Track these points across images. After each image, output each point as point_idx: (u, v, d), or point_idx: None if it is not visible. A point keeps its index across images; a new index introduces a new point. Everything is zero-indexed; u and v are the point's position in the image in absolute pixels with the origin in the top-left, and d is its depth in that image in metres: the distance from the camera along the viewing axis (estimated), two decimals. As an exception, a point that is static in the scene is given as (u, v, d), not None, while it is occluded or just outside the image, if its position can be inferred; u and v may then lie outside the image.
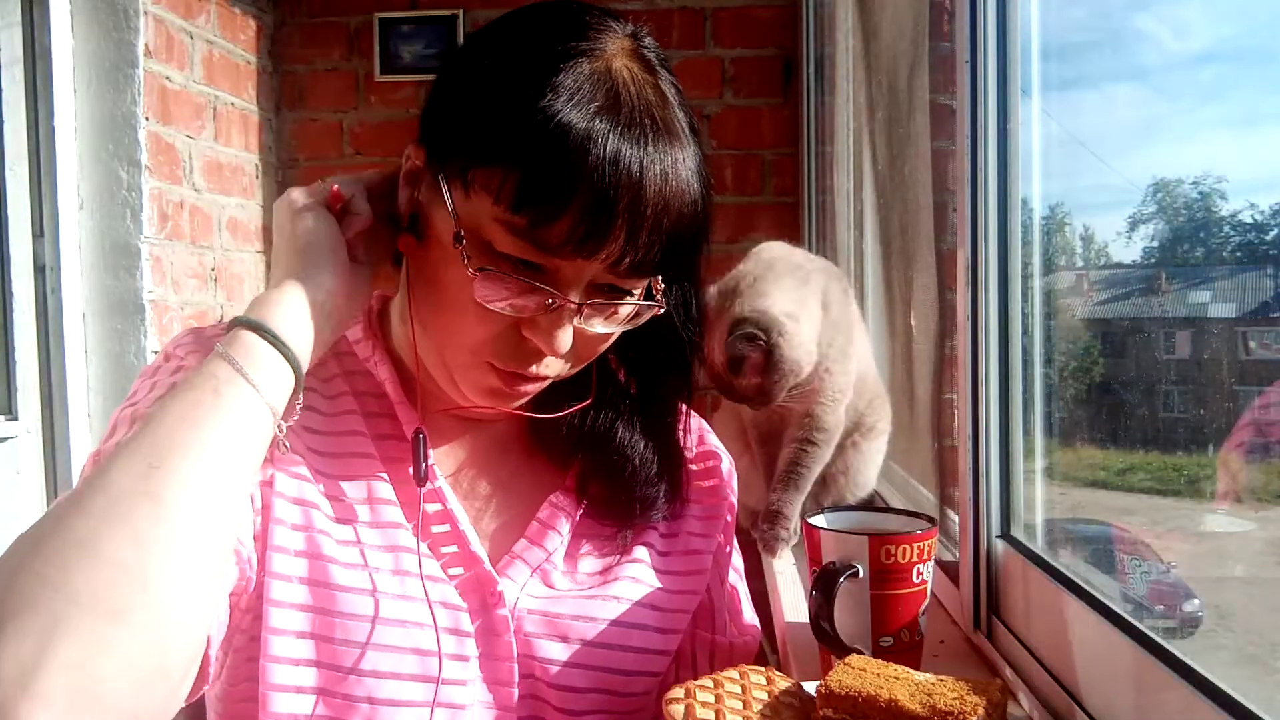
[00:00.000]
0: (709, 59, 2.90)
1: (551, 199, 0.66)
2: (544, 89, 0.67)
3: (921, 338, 1.53)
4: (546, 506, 0.84)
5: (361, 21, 3.00)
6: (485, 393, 0.77)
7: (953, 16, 1.03)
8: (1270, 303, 0.88)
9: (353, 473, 0.79)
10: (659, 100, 0.71)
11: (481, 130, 0.69)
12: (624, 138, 0.67)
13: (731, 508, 0.94)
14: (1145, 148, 0.98)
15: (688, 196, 0.71)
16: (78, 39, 2.37)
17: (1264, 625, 0.85)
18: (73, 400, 2.34)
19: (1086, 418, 1.12)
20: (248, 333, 0.67)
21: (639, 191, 0.68)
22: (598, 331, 0.75)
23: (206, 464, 0.61)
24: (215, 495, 0.61)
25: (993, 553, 0.94)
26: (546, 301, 0.71)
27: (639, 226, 0.68)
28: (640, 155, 0.68)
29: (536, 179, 0.66)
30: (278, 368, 0.67)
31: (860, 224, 2.09)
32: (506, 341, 0.73)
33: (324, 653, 0.73)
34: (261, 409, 0.65)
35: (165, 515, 0.58)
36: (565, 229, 0.67)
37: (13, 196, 2.27)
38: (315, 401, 0.81)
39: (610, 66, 0.70)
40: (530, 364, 0.74)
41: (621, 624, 0.82)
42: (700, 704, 0.66)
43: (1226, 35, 0.87)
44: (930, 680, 0.66)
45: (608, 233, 0.67)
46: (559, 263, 0.70)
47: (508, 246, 0.69)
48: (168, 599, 0.56)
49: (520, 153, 0.67)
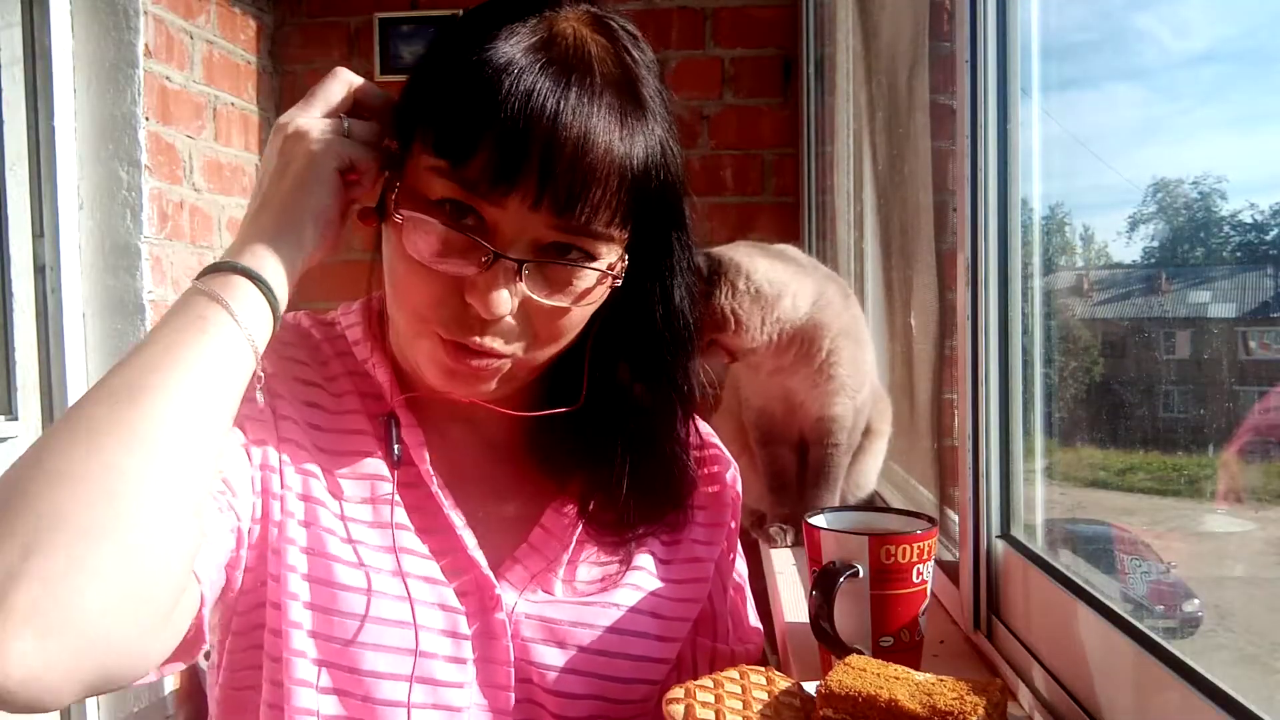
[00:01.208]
0: (709, 59, 2.90)
1: (466, 132, 0.67)
2: (480, 41, 0.68)
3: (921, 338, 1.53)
4: (551, 513, 0.84)
5: (361, 21, 3.00)
6: (440, 373, 0.75)
7: (953, 16, 1.03)
8: (1270, 303, 0.88)
9: (357, 471, 0.79)
10: (606, 57, 0.71)
11: (420, 89, 0.72)
12: (544, 74, 0.67)
13: (736, 514, 0.93)
14: (1145, 148, 0.98)
15: (630, 156, 0.70)
16: (78, 39, 2.37)
17: (1264, 625, 0.85)
18: (72, 401, 2.34)
19: (1086, 418, 1.12)
20: (236, 275, 0.66)
21: (554, 129, 0.67)
22: (549, 304, 0.72)
23: (184, 393, 0.61)
24: (192, 425, 0.61)
25: (993, 553, 0.94)
26: (481, 257, 0.69)
27: (553, 167, 0.67)
28: (560, 94, 0.67)
29: (454, 115, 0.68)
30: (263, 313, 0.67)
31: (860, 224, 2.09)
32: (448, 306, 0.71)
33: (323, 650, 0.73)
34: (243, 344, 0.65)
35: (139, 443, 0.58)
36: (481, 163, 0.67)
37: (13, 196, 2.27)
38: (321, 399, 0.81)
39: (555, 25, 0.71)
40: (473, 333, 0.72)
41: (621, 631, 0.81)
42: (700, 704, 0.66)
43: (1226, 35, 0.87)
44: (930, 680, 0.66)
45: (520, 168, 0.67)
46: (490, 209, 0.69)
47: (439, 191, 0.70)
48: (141, 521, 0.56)
49: (444, 94, 0.69)
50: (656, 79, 0.75)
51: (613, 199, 0.70)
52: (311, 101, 0.73)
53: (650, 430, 0.84)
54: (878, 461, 1.44)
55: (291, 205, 0.70)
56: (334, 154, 0.71)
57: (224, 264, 0.67)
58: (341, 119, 0.73)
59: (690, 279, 0.82)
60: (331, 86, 0.74)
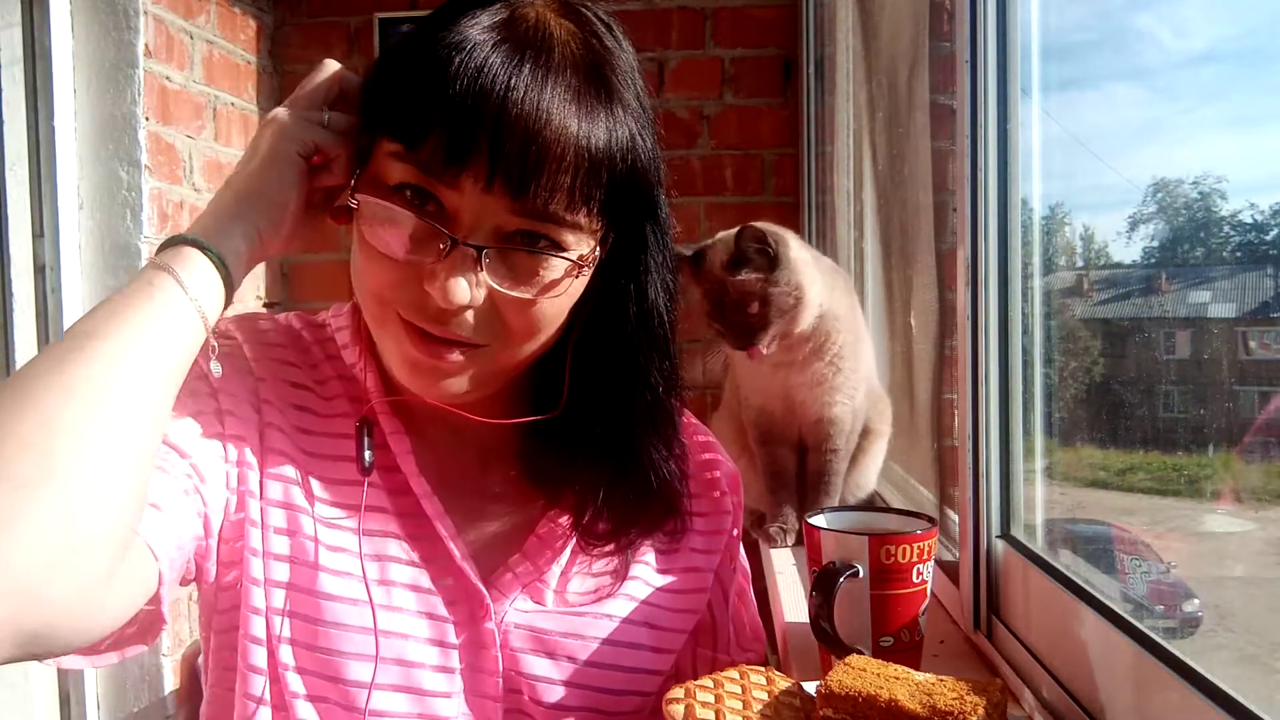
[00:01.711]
0: (709, 59, 2.90)
1: (419, 112, 0.67)
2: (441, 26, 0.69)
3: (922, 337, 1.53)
4: (545, 522, 0.82)
5: (361, 21, 3.00)
6: (404, 365, 0.73)
7: (953, 16, 1.03)
8: (1270, 303, 0.88)
9: (344, 477, 0.78)
10: (570, 40, 0.70)
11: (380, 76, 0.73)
12: (497, 51, 0.67)
13: (736, 520, 0.91)
14: (1145, 148, 0.98)
15: (590, 136, 0.68)
16: (78, 39, 2.37)
17: (1264, 625, 0.85)
18: (73, 400, 2.34)
19: (1086, 418, 1.12)
20: (187, 247, 0.67)
21: (504, 106, 0.65)
22: (514, 295, 0.70)
23: (125, 352, 0.61)
24: (131, 383, 0.60)
25: (993, 553, 0.94)
26: (439, 245, 0.68)
27: (502, 145, 0.65)
28: (512, 70, 0.66)
29: (407, 95, 0.68)
30: (213, 283, 0.67)
31: (860, 224, 2.09)
32: (409, 291, 0.70)
33: (306, 660, 0.72)
34: (191, 312, 0.65)
35: (75, 397, 0.58)
36: (433, 144, 0.66)
37: (13, 196, 2.27)
38: (311, 402, 0.80)
39: (517, 10, 0.70)
40: (437, 320, 0.70)
41: (614, 643, 0.80)
42: (700, 704, 0.66)
43: (1227, 35, 0.87)
44: (930, 680, 0.66)
45: (470, 147, 0.65)
46: (448, 194, 0.68)
47: (397, 176, 0.69)
48: (76, 476, 0.56)
49: (400, 76, 0.69)
50: (633, 72, 0.73)
51: (571, 181, 0.68)
52: (296, 93, 0.74)
53: (631, 436, 0.80)
54: (878, 462, 1.44)
55: (250, 185, 0.71)
56: (296, 138, 0.71)
57: (177, 237, 0.67)
58: (322, 110, 0.73)
59: (669, 277, 0.79)
60: (315, 77, 0.75)
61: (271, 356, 0.80)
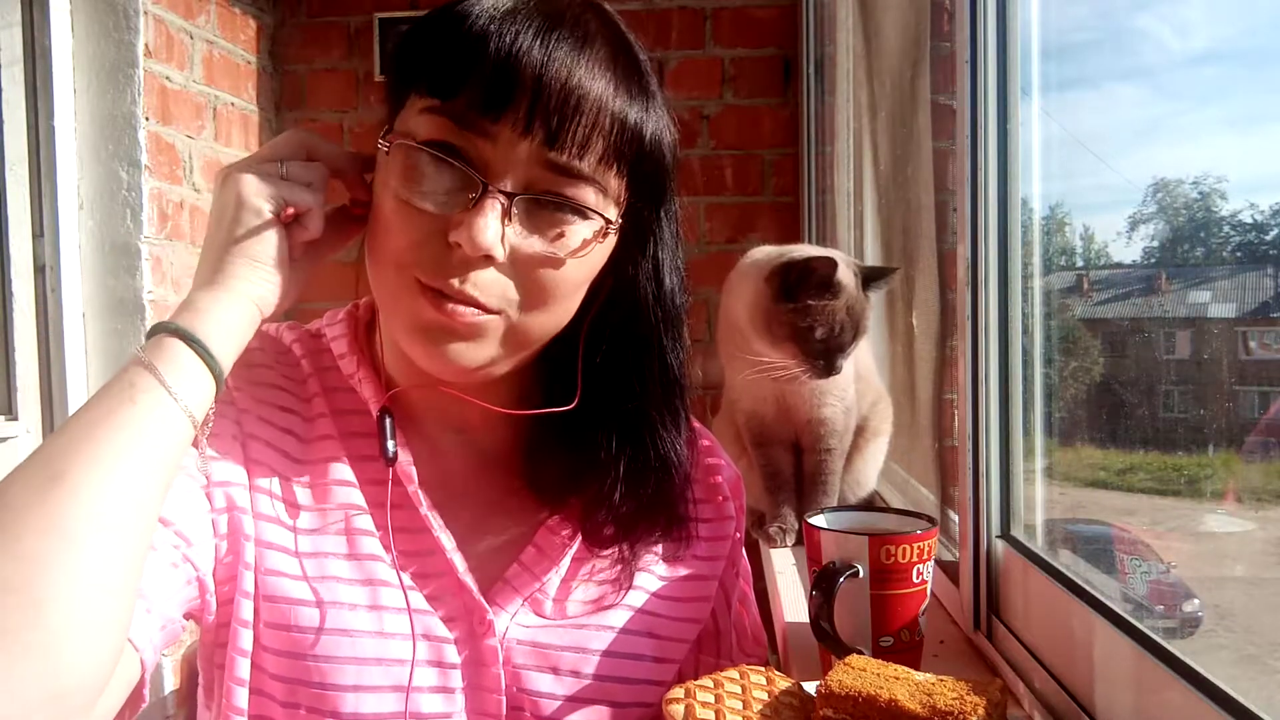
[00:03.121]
0: (709, 59, 2.90)
1: (457, 64, 0.67)
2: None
3: (923, 338, 1.53)
4: (544, 532, 0.80)
5: (361, 21, 3.00)
6: (417, 329, 0.71)
7: (953, 16, 1.03)
8: (1270, 303, 0.88)
9: (330, 502, 0.76)
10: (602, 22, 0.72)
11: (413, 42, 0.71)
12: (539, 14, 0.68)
13: (739, 525, 0.90)
14: (1145, 148, 0.98)
15: (624, 99, 0.70)
16: (78, 39, 2.37)
17: (1264, 625, 0.85)
18: (73, 400, 2.34)
19: (1086, 418, 1.12)
20: (170, 338, 0.64)
21: (547, 60, 0.67)
22: (540, 252, 0.70)
23: (113, 476, 0.58)
24: (122, 510, 0.58)
25: (993, 553, 0.94)
26: (470, 194, 0.68)
27: (543, 93, 0.66)
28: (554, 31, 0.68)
29: (445, 51, 0.68)
30: (200, 377, 0.64)
31: (860, 224, 2.09)
32: (430, 249, 0.69)
33: (304, 696, 0.70)
34: (179, 418, 0.63)
35: (62, 531, 0.55)
36: (471, 94, 0.67)
37: (13, 196, 2.27)
38: (293, 425, 0.78)
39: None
40: (454, 274, 0.69)
41: (616, 655, 0.78)
42: (700, 704, 0.66)
43: (1227, 35, 0.87)
44: (930, 680, 0.66)
45: (510, 95, 0.66)
46: (480, 144, 0.68)
47: (428, 131, 0.69)
48: (62, 621, 0.54)
49: (431, 36, 0.69)
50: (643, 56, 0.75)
51: (604, 143, 0.69)
52: (256, 151, 0.73)
53: (643, 429, 0.80)
54: (878, 462, 1.44)
55: (228, 254, 0.68)
56: (266, 196, 0.69)
57: (163, 325, 0.65)
58: (279, 163, 0.71)
59: (681, 268, 0.80)
60: (281, 139, 0.73)
61: (255, 381, 0.78)
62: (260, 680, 0.72)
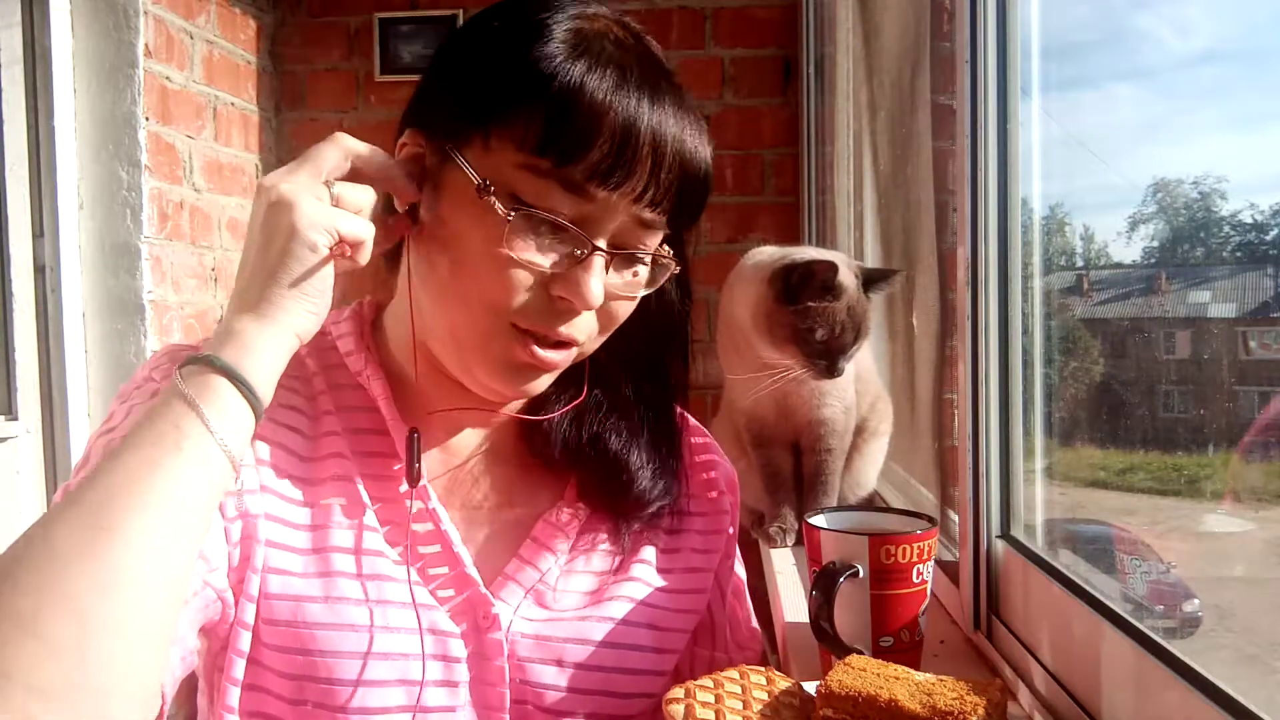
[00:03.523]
0: (709, 59, 2.90)
1: (580, 131, 0.68)
2: (549, 37, 0.69)
3: (923, 338, 1.53)
4: (541, 524, 0.81)
5: (361, 21, 3.00)
6: (506, 368, 0.74)
7: (953, 16, 1.03)
8: (1270, 303, 0.88)
9: (334, 499, 0.76)
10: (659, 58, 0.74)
11: (496, 86, 0.70)
12: (641, 87, 0.70)
13: (734, 519, 0.92)
14: (1145, 148, 0.98)
15: (701, 154, 0.73)
16: (78, 39, 2.37)
17: (1264, 625, 0.85)
18: (73, 400, 2.34)
19: (1086, 418, 1.12)
20: (215, 375, 0.62)
21: (660, 124, 0.70)
22: (620, 291, 0.74)
23: (162, 528, 0.58)
24: (169, 561, 0.58)
25: (993, 553, 0.94)
26: (575, 251, 0.70)
27: (660, 162, 0.70)
28: (656, 104, 0.70)
29: (563, 115, 0.67)
30: (243, 417, 0.63)
31: (860, 224, 2.09)
32: (532, 299, 0.71)
33: (311, 692, 0.71)
34: (223, 463, 0.62)
35: (113, 588, 0.55)
36: (593, 161, 0.68)
37: (13, 196, 2.27)
38: (299, 423, 0.78)
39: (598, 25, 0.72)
40: (558, 323, 0.72)
41: (618, 646, 0.79)
42: (700, 704, 0.66)
43: (1226, 35, 0.87)
44: (930, 680, 0.66)
45: (634, 163, 0.69)
46: (585, 206, 0.70)
47: (533, 192, 0.69)
48: (111, 679, 0.54)
49: (543, 93, 0.68)
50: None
51: (692, 191, 0.73)
52: (301, 165, 0.67)
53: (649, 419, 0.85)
54: (878, 461, 1.44)
55: (275, 285, 0.65)
56: (322, 229, 0.65)
57: (206, 358, 0.63)
58: (329, 186, 0.68)
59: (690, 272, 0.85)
60: (326, 152, 0.68)
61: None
62: (265, 679, 0.72)
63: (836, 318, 1.21)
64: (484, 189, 0.69)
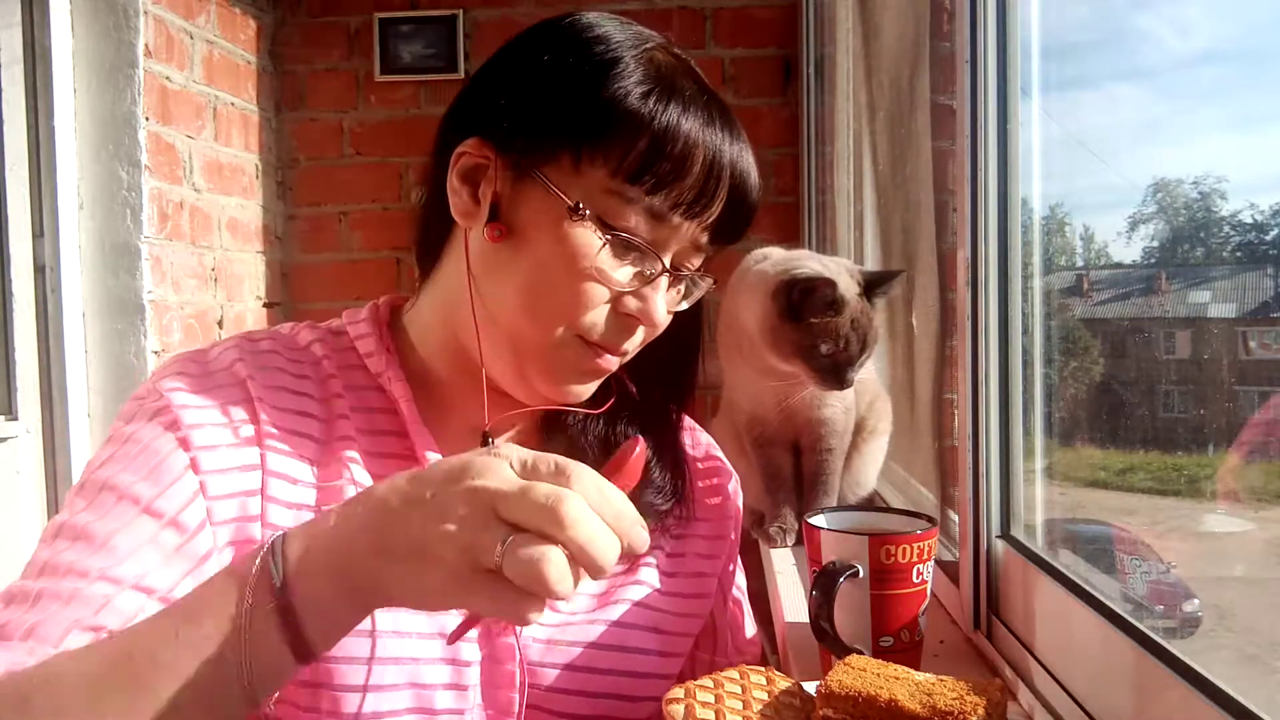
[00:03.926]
0: (709, 59, 2.90)
1: (675, 164, 0.72)
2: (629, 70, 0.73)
3: (923, 337, 1.53)
4: None
5: (361, 21, 3.00)
6: (565, 377, 0.77)
7: (953, 16, 1.03)
8: (1270, 303, 0.88)
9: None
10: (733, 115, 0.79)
11: (593, 114, 0.72)
12: (726, 126, 0.75)
13: (737, 525, 0.92)
14: (1145, 148, 0.98)
15: (758, 184, 0.79)
16: (78, 39, 2.37)
17: (1264, 625, 0.85)
18: (73, 400, 2.34)
19: (1086, 418, 1.12)
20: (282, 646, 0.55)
21: (736, 159, 0.76)
22: (673, 306, 0.79)
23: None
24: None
25: (993, 553, 0.94)
26: (646, 271, 0.75)
27: (732, 195, 0.76)
28: (734, 142, 0.76)
29: (661, 149, 0.72)
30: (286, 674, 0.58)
31: (860, 224, 2.09)
32: (605, 316, 0.75)
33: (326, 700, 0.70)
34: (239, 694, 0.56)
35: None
36: (682, 192, 0.73)
37: (13, 196, 2.27)
38: (310, 428, 0.77)
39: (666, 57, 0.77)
40: (625, 338, 0.77)
41: (626, 650, 0.80)
42: (700, 704, 0.66)
43: (1227, 35, 0.87)
44: (930, 680, 0.66)
45: (714, 196, 0.75)
46: (660, 231, 0.74)
47: (614, 213, 0.73)
48: None
49: (644, 126, 0.72)
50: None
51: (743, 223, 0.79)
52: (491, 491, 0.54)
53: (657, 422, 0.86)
54: (878, 461, 1.44)
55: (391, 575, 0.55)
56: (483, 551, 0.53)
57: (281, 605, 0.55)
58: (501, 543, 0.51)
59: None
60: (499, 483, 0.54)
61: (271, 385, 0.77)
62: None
63: (840, 332, 1.21)
64: (577, 211, 0.72)
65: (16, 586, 0.66)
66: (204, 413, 0.73)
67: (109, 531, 0.67)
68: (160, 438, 0.71)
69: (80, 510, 0.69)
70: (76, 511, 0.69)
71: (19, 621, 0.63)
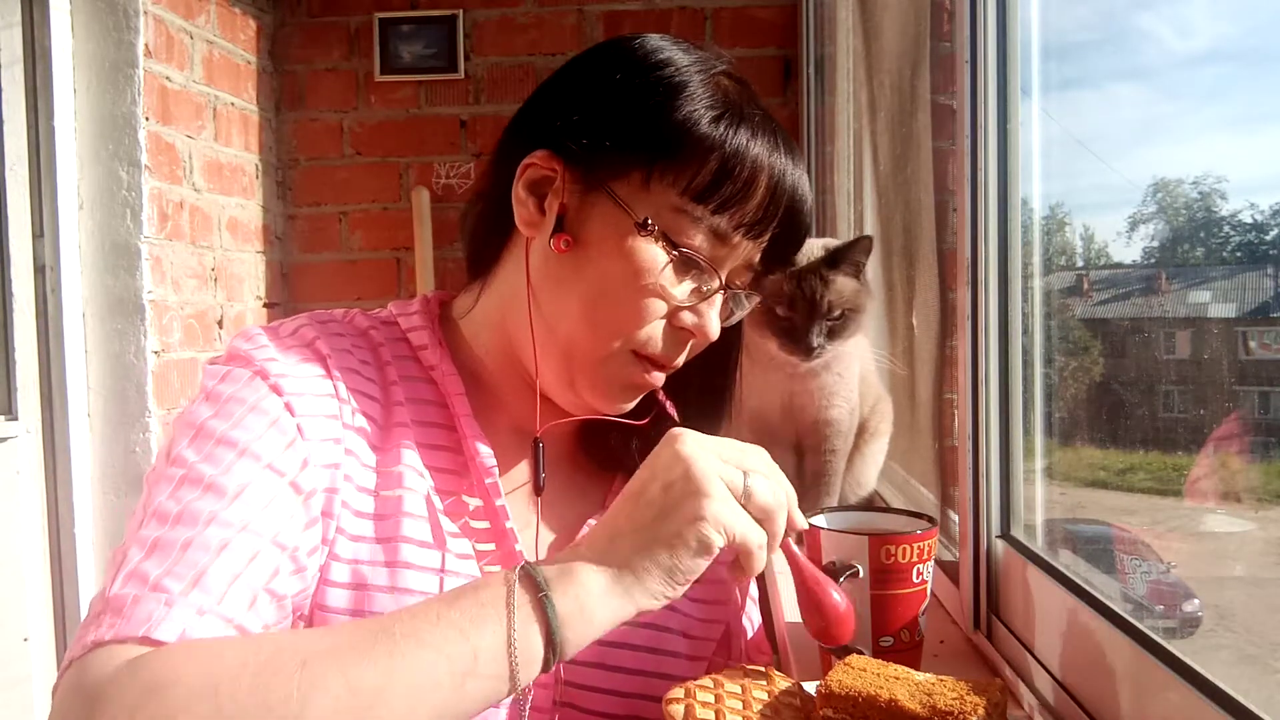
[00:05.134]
0: (709, 59, 2.90)
1: (743, 187, 0.75)
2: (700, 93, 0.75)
3: (923, 337, 1.53)
4: (587, 527, 0.83)
5: (361, 21, 3.00)
6: (616, 389, 0.79)
7: (953, 16, 1.03)
8: (1270, 303, 0.88)
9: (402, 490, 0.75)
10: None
11: (668, 134, 0.74)
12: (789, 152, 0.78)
13: None
14: (1145, 148, 0.98)
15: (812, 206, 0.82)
16: (78, 39, 2.37)
17: (1264, 625, 0.85)
18: (73, 400, 2.34)
19: (1086, 418, 1.12)
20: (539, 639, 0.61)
21: (796, 184, 0.78)
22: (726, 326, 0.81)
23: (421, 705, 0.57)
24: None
25: (993, 553, 0.94)
26: (703, 287, 0.77)
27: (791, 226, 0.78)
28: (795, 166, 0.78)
29: (730, 172, 0.74)
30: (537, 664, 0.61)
31: (861, 224, 2.09)
32: (662, 331, 0.77)
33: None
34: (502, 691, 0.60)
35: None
36: (746, 214, 0.75)
37: (13, 196, 2.27)
38: (374, 411, 0.78)
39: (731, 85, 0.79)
40: (678, 353, 0.79)
41: (656, 651, 0.81)
42: (700, 704, 0.66)
43: (1227, 35, 0.87)
44: (930, 680, 0.66)
45: (774, 219, 0.77)
46: (720, 249, 0.76)
47: (678, 230, 0.74)
48: None
49: (716, 148, 0.74)
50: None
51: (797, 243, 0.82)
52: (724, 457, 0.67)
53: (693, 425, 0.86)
54: (878, 462, 1.44)
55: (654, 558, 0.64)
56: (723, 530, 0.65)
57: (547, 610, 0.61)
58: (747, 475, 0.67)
59: None
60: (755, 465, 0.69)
61: (345, 367, 0.78)
62: None
63: (786, 290, 1.21)
64: (645, 227, 0.74)
65: (150, 535, 0.64)
66: (300, 382, 0.73)
67: (239, 484, 0.66)
68: (267, 398, 0.71)
69: (197, 461, 0.67)
70: (190, 463, 0.68)
71: (178, 573, 0.61)
